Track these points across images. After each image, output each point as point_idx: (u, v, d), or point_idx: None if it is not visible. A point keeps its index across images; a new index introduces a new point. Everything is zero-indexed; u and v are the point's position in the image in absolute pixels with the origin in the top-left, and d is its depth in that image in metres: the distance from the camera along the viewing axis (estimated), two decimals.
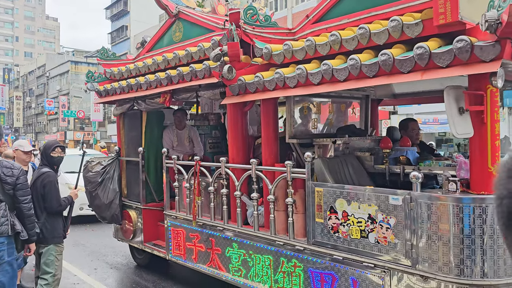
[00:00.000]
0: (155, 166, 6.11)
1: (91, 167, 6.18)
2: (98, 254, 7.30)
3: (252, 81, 4.02)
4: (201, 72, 4.60)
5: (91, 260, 6.93)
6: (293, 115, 4.26)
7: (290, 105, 4.22)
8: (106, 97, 6.37)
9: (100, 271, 6.40)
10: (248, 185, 4.57)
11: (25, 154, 5.19)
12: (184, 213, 5.14)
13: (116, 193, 6.04)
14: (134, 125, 6.13)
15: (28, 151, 5.21)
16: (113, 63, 6.55)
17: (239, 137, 4.63)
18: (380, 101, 5.52)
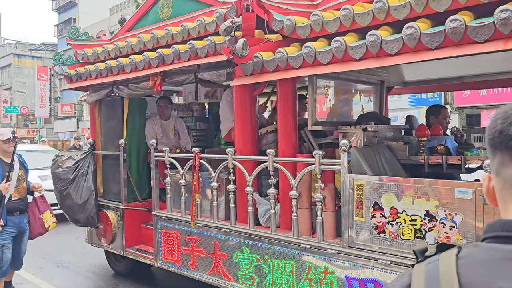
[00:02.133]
0: (137, 160, 5.39)
1: (61, 162, 5.36)
2: (44, 253, 6.69)
3: (272, 57, 3.45)
4: (203, 50, 3.96)
5: (35, 259, 6.16)
6: (315, 99, 3.72)
7: (312, 88, 3.68)
8: (78, 82, 5.56)
9: (46, 271, 5.86)
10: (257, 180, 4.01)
11: (4, 143, 4.47)
12: (179, 214, 4.48)
13: (91, 192, 5.26)
14: (113, 114, 5.38)
15: (6, 139, 4.47)
16: (85, 44, 5.74)
17: (248, 125, 4.04)
18: (390, 89, 5.10)
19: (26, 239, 4.79)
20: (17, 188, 4.61)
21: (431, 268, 0.79)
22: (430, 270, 0.79)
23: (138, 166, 5.37)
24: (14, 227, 4.56)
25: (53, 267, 5.97)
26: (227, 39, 3.70)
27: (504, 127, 0.80)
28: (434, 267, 0.79)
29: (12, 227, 4.54)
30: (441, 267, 0.78)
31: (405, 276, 0.84)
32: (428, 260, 0.83)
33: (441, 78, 5.04)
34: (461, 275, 0.74)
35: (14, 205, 4.54)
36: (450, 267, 0.77)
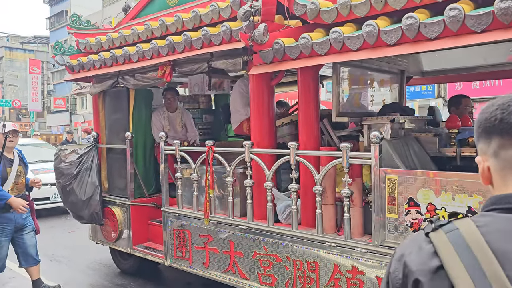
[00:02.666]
0: (144, 154, 5.16)
1: (64, 156, 5.12)
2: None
3: (295, 44, 3.23)
4: (217, 37, 3.73)
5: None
6: (340, 88, 3.51)
7: (336, 77, 3.47)
8: (81, 72, 5.30)
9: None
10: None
11: (4, 137, 4.32)
12: (191, 210, 4.26)
13: (95, 187, 5.03)
14: (118, 106, 5.13)
15: (4, 132, 4.31)
16: (88, 33, 5.48)
17: (265, 117, 3.83)
18: (409, 79, 4.90)
19: (31, 234, 4.55)
20: (15, 184, 4.44)
21: (455, 237, 0.83)
22: (455, 239, 0.83)
23: (144, 160, 5.15)
24: (10, 224, 4.37)
25: (46, 261, 5.74)
26: (245, 24, 3.48)
27: (505, 116, 0.89)
28: (458, 236, 0.83)
29: (9, 224, 4.35)
30: (466, 235, 0.82)
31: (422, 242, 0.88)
32: (445, 228, 0.86)
33: (459, 68, 4.85)
34: (489, 243, 0.79)
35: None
36: (476, 235, 0.81)
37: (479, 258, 0.79)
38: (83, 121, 35.10)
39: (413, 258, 0.87)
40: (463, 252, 0.80)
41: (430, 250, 0.85)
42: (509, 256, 0.78)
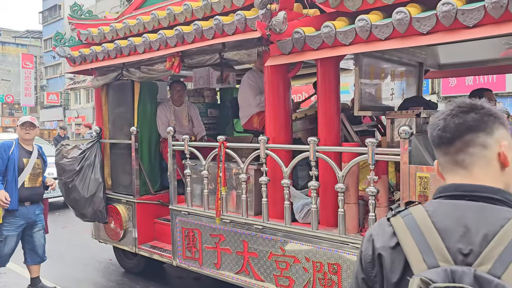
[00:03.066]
0: (149, 150, 4.96)
1: (66, 151, 4.91)
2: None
3: (317, 33, 3.05)
4: (231, 26, 3.54)
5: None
6: (362, 81, 3.33)
7: (359, 69, 3.29)
8: (83, 64, 5.08)
9: None
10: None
11: (21, 128, 4.37)
12: (201, 208, 4.08)
13: (99, 184, 4.83)
14: (122, 99, 4.92)
15: (22, 124, 4.38)
16: (90, 23, 5.26)
17: (281, 111, 3.65)
18: (425, 73, 4.73)
19: (40, 232, 4.52)
20: (32, 176, 4.40)
21: (409, 220, 1.03)
22: (409, 221, 1.03)
23: (150, 156, 4.95)
24: (22, 218, 4.33)
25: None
26: (262, 13, 3.28)
27: (432, 132, 1.11)
28: (411, 219, 1.03)
29: (20, 218, 4.31)
30: (417, 218, 1.02)
31: (385, 226, 1.08)
32: (402, 214, 1.07)
33: (476, 61, 4.69)
34: (435, 223, 1.00)
35: (26, 193, 4.33)
36: (425, 218, 1.02)
37: (426, 235, 0.99)
38: (77, 116, 34.77)
39: (378, 238, 1.08)
40: (414, 231, 1.01)
41: (390, 232, 1.06)
42: (449, 232, 0.98)
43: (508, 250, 0.90)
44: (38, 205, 4.51)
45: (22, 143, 4.42)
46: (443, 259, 0.95)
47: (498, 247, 0.91)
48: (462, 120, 1.07)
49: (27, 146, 4.44)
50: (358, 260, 1.14)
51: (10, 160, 4.24)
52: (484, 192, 1.03)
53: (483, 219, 0.98)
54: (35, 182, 4.44)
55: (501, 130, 1.08)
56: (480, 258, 0.92)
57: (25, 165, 4.35)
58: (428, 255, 0.97)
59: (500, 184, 1.06)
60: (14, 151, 4.30)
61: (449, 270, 0.91)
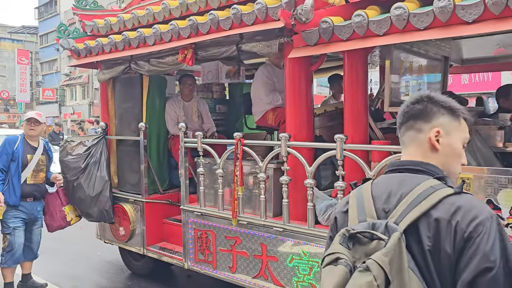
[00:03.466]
0: (157, 147, 4.75)
1: (71, 148, 4.68)
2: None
3: (347, 23, 2.84)
4: (250, 16, 3.33)
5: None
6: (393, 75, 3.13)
7: (391, 61, 3.09)
8: (88, 57, 4.85)
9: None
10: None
11: (27, 124, 4.28)
12: (215, 209, 3.88)
13: (105, 183, 4.61)
14: (130, 94, 4.70)
15: (28, 119, 4.28)
16: (95, 14, 5.03)
17: (303, 107, 3.44)
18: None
19: (39, 230, 4.47)
20: (35, 172, 4.29)
21: (358, 190, 1.34)
22: (357, 191, 1.33)
23: (158, 153, 4.73)
24: (25, 213, 4.27)
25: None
26: (286, 1, 3.08)
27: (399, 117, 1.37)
28: (359, 189, 1.33)
29: (23, 213, 4.25)
30: (363, 188, 1.32)
31: (346, 197, 1.37)
32: (357, 187, 1.36)
33: (502, 56, 4.50)
34: (372, 190, 1.29)
35: (28, 190, 4.26)
36: (367, 187, 1.31)
37: (364, 201, 1.25)
38: (72, 112, 34.44)
39: (338, 206, 1.39)
40: (358, 198, 1.29)
41: (345, 200, 1.35)
42: (378, 197, 1.24)
43: (409, 206, 1.16)
44: (40, 202, 4.46)
45: (27, 138, 4.33)
46: (370, 216, 1.21)
47: (404, 205, 1.17)
48: (408, 109, 1.32)
49: (33, 142, 4.34)
50: (331, 225, 1.40)
51: (15, 155, 4.14)
52: (408, 165, 1.29)
53: (402, 185, 1.23)
54: (37, 178, 4.35)
55: (442, 119, 1.29)
56: (392, 213, 1.18)
57: (28, 161, 4.26)
58: (361, 214, 1.23)
59: (434, 162, 1.28)
60: (19, 146, 4.20)
61: (371, 223, 1.16)
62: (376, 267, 1.04)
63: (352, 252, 1.13)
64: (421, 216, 1.13)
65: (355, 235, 1.14)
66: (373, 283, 1.03)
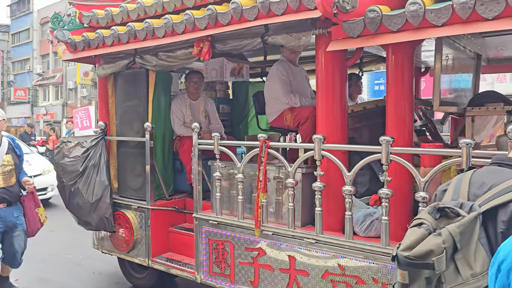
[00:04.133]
0: (163, 149, 4.37)
1: (68, 149, 4.25)
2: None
3: (400, 12, 2.55)
4: (280, 5, 3.00)
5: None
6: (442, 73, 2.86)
7: (440, 58, 2.82)
8: (86, 50, 4.43)
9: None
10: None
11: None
12: (233, 217, 3.53)
13: (105, 188, 4.20)
14: (134, 91, 4.30)
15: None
16: (94, 4, 4.61)
17: (336, 106, 3.14)
18: None
19: (21, 236, 4.12)
20: (2, 175, 3.89)
21: (459, 176, 1.52)
22: (460, 176, 1.52)
23: (163, 156, 4.35)
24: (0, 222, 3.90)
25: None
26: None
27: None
28: (462, 175, 1.51)
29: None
30: (465, 175, 1.49)
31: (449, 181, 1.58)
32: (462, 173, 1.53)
33: None
34: (471, 178, 1.46)
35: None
36: (468, 174, 1.48)
37: (461, 184, 1.47)
38: (45, 113, 33.35)
39: (440, 186, 1.64)
40: (457, 182, 1.51)
41: (448, 182, 1.58)
42: (474, 184, 1.43)
43: (494, 195, 1.33)
44: (17, 206, 4.08)
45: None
46: (463, 198, 1.41)
47: (491, 193, 1.34)
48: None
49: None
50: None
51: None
52: (503, 160, 1.47)
53: (495, 177, 1.40)
54: (7, 181, 3.94)
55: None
56: (480, 198, 1.36)
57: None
58: (455, 194, 1.45)
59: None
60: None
61: (461, 202, 1.36)
62: (447, 234, 1.28)
63: (437, 222, 1.34)
64: (501, 204, 1.29)
65: (444, 209, 1.34)
66: (441, 245, 1.27)
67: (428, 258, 1.27)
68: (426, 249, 1.28)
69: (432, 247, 1.27)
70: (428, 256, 1.27)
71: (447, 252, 1.26)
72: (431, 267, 1.27)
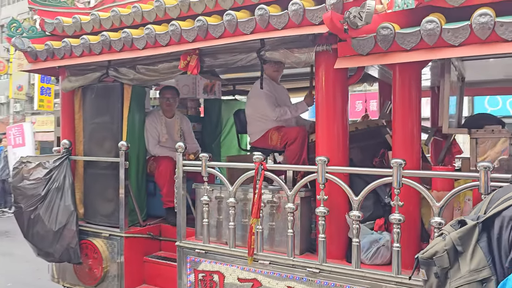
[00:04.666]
0: (137, 170, 4.01)
1: (27, 171, 3.78)
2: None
3: (414, 30, 2.46)
4: (280, 18, 2.83)
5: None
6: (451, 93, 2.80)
7: (448, 80, 2.76)
8: (49, 60, 4.01)
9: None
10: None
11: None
12: (223, 245, 3.25)
13: (71, 214, 3.77)
14: (106, 106, 3.92)
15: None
16: (59, 11, 4.21)
17: (338, 125, 2.98)
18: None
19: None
20: None
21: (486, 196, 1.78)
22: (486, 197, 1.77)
23: (137, 178, 3.99)
24: None
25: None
26: (332, 2, 2.64)
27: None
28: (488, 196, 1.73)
29: None
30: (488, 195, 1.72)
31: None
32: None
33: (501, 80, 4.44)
34: (493, 195, 1.67)
35: None
36: (491, 194, 1.70)
37: (484, 201, 1.70)
38: None
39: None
40: (482, 201, 1.73)
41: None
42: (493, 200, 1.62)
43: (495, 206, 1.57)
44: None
45: None
46: (481, 212, 1.63)
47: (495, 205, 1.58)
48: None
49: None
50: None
51: None
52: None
53: (504, 192, 1.62)
54: None
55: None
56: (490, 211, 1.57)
57: None
58: (477, 210, 1.70)
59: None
60: None
61: (477, 215, 1.61)
62: (449, 239, 1.58)
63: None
64: (497, 213, 1.52)
65: (463, 221, 1.61)
66: (443, 248, 1.57)
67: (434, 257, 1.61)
68: (433, 251, 1.62)
69: (437, 249, 1.60)
70: (434, 256, 1.61)
71: (448, 253, 1.57)
72: (433, 264, 1.61)
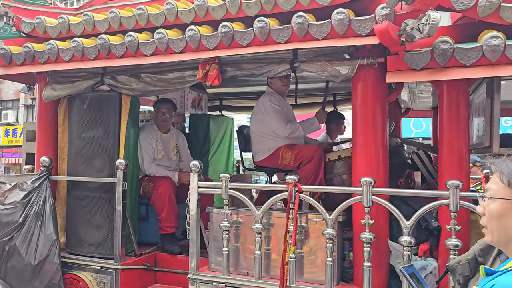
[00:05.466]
0: (131, 192, 3.54)
1: (3, 194, 3.18)
2: None
3: (476, 45, 2.35)
4: (322, 27, 2.61)
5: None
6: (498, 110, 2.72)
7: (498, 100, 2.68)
8: (28, 65, 3.47)
9: None
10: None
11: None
12: (245, 276, 2.89)
13: (53, 243, 3.22)
14: (99, 119, 3.43)
15: None
16: (41, 10, 3.70)
17: (378, 144, 2.80)
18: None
19: None
20: None
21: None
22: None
23: (131, 201, 3.51)
24: None
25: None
26: (386, 13, 2.48)
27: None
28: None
29: None
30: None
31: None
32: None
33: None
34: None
35: None
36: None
37: None
38: None
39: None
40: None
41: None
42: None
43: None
44: None
45: None
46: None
47: None
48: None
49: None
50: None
51: None
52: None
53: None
54: None
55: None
56: None
57: None
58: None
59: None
60: None
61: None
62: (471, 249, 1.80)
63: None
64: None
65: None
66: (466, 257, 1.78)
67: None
68: (458, 260, 1.81)
69: (460, 258, 1.79)
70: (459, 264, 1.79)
71: (470, 263, 1.73)
72: (455, 271, 1.78)
